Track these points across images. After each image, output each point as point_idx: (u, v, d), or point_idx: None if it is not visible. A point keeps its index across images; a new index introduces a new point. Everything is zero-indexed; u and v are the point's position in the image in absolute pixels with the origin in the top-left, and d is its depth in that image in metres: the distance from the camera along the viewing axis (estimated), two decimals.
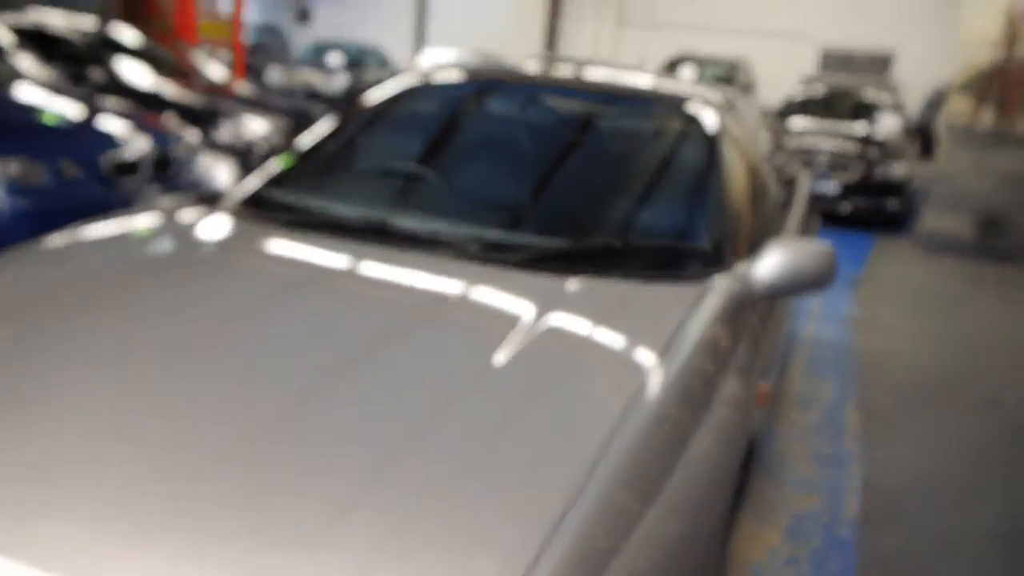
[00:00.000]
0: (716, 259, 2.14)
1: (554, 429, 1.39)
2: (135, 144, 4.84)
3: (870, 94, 10.43)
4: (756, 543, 2.67)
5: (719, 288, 1.99)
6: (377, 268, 1.99)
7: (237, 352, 1.60)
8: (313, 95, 14.26)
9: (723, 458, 1.60)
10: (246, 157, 6.58)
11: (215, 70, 8.64)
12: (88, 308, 1.76)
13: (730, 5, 18.46)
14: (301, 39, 22.44)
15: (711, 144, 2.48)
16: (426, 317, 1.77)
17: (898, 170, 8.46)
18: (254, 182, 2.54)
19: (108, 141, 4.76)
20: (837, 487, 3.10)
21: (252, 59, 15.33)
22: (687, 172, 2.49)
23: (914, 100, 12.63)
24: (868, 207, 8.43)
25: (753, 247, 2.31)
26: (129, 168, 4.73)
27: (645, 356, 1.63)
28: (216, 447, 1.29)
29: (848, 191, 8.41)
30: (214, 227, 2.23)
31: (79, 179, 4.48)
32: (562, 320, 1.74)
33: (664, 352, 1.65)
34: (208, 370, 1.52)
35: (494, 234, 2.16)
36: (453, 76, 3.07)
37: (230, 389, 1.46)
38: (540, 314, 1.74)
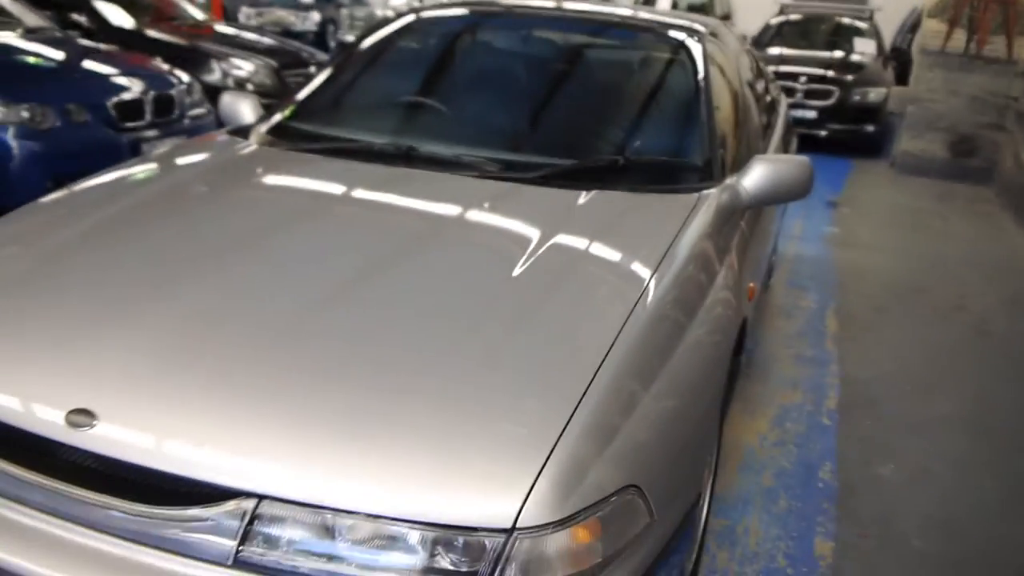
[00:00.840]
0: (707, 173, 2.38)
1: (571, 322, 1.64)
2: (137, 87, 4.97)
3: (846, 21, 10.58)
4: (747, 431, 2.98)
5: (710, 198, 2.24)
6: (406, 185, 2.23)
7: (301, 249, 1.86)
8: (287, 33, 14.11)
9: (715, 345, 1.86)
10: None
11: (195, 11, 8.62)
12: (168, 216, 2.04)
13: None
14: None
15: (698, 70, 2.69)
16: (453, 225, 2.02)
17: (873, 95, 8.68)
18: (276, 116, 2.75)
19: (113, 85, 4.89)
20: (818, 383, 3.41)
21: None
22: (678, 96, 2.70)
23: (892, 25, 12.73)
24: (845, 132, 8.66)
25: (739, 163, 2.55)
26: (133, 110, 4.88)
27: (647, 260, 1.86)
28: (290, 324, 1.54)
29: (825, 116, 8.62)
30: (245, 156, 2.46)
31: (88, 122, 4.62)
32: (575, 228, 1.98)
33: (663, 254, 1.88)
34: (277, 259, 1.79)
35: (509, 155, 2.38)
36: (447, 11, 3.25)
37: (288, 286, 1.70)
38: (555, 223, 1.98)
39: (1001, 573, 2.38)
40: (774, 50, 9.92)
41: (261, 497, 1.26)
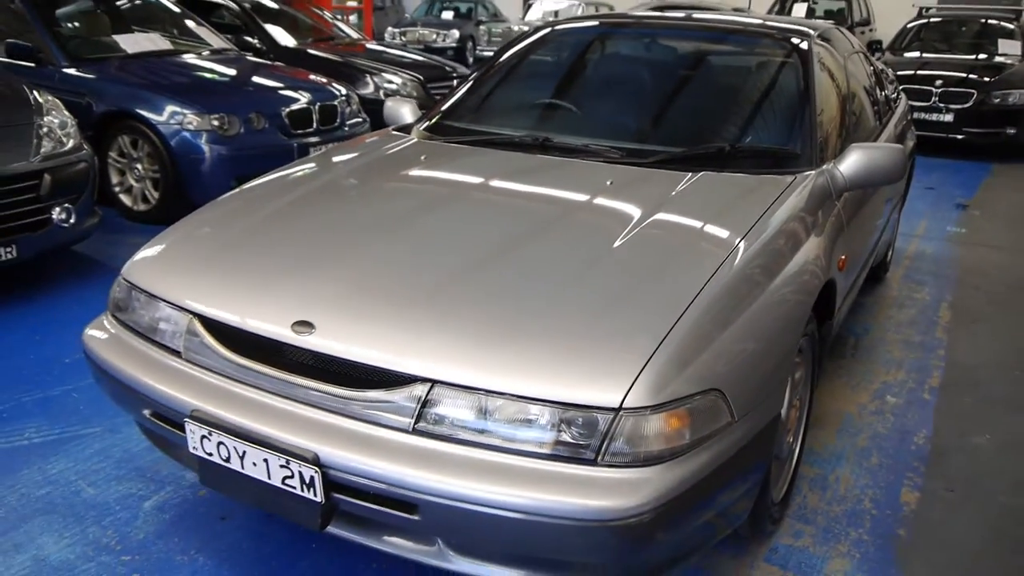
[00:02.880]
0: (806, 159, 2.69)
1: (672, 270, 2.00)
2: (305, 99, 5.67)
3: (991, 22, 10.29)
4: (847, 402, 3.23)
5: (807, 180, 2.55)
6: (542, 169, 2.67)
7: (460, 218, 2.34)
8: (428, 49, 14.95)
9: (795, 302, 2.16)
10: None
11: (350, 31, 9.44)
12: (356, 190, 2.62)
13: None
14: None
15: (802, 68, 2.99)
16: (579, 199, 2.43)
17: (1015, 97, 8.47)
18: (433, 116, 3.25)
19: (286, 97, 5.61)
20: (923, 365, 3.60)
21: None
22: (782, 91, 3.01)
23: None
24: (983, 135, 8.50)
25: (840, 152, 2.83)
26: (303, 119, 5.58)
27: (738, 226, 2.19)
28: (455, 266, 2.00)
29: (961, 119, 8.49)
30: (411, 146, 2.97)
31: (265, 129, 5.34)
32: (679, 200, 2.36)
33: (755, 222, 2.21)
34: (433, 230, 2.25)
35: (630, 144, 2.78)
36: (578, 23, 3.68)
37: (453, 240, 2.17)
38: (663, 197, 2.36)
39: None
40: (911, 54, 9.82)
41: (434, 382, 1.70)
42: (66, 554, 2.22)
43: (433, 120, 3.22)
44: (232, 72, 6.02)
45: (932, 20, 10.68)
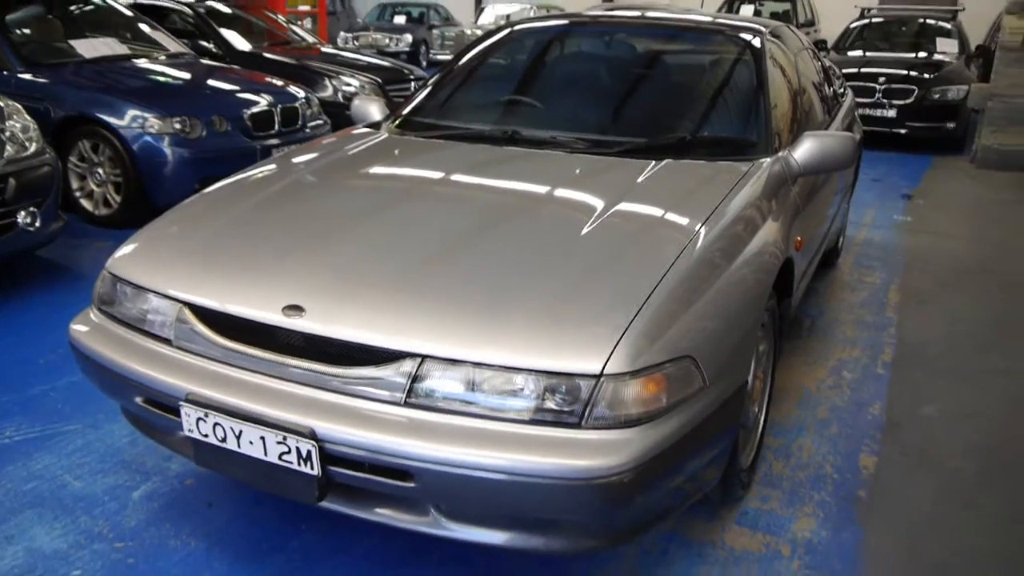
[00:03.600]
0: (763, 147, 2.83)
1: (641, 249, 2.13)
2: (267, 101, 5.70)
3: (929, 22, 10.68)
4: (806, 377, 3.39)
5: (764, 166, 2.69)
6: (511, 160, 2.77)
7: (433, 208, 2.42)
8: (382, 53, 14.98)
9: (756, 280, 2.28)
10: (346, 109, 7.42)
11: (305, 35, 9.45)
12: (334, 183, 2.69)
13: None
14: (364, 4, 23.23)
15: (755, 63, 3.14)
16: (549, 186, 2.54)
17: (953, 93, 8.81)
18: (402, 113, 3.34)
19: (247, 100, 5.63)
20: (876, 342, 3.78)
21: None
22: (738, 85, 3.16)
23: (976, 25, 12.66)
24: (924, 129, 8.83)
25: (793, 140, 2.98)
26: (265, 122, 5.60)
27: (701, 212, 2.31)
28: (436, 250, 2.09)
29: (904, 115, 8.81)
30: (383, 140, 3.06)
31: (228, 131, 5.35)
32: (645, 186, 2.49)
33: (716, 205, 2.35)
34: (411, 216, 2.34)
35: (595, 135, 2.90)
36: (538, 23, 3.80)
37: (432, 226, 2.26)
38: (630, 183, 2.49)
39: (1018, 487, 2.74)
40: (855, 52, 10.14)
41: (424, 357, 1.79)
42: (59, 543, 2.26)
43: (403, 117, 3.31)
44: (190, 76, 6.02)
45: (874, 20, 11.04)
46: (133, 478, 2.57)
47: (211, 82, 5.99)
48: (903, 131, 8.86)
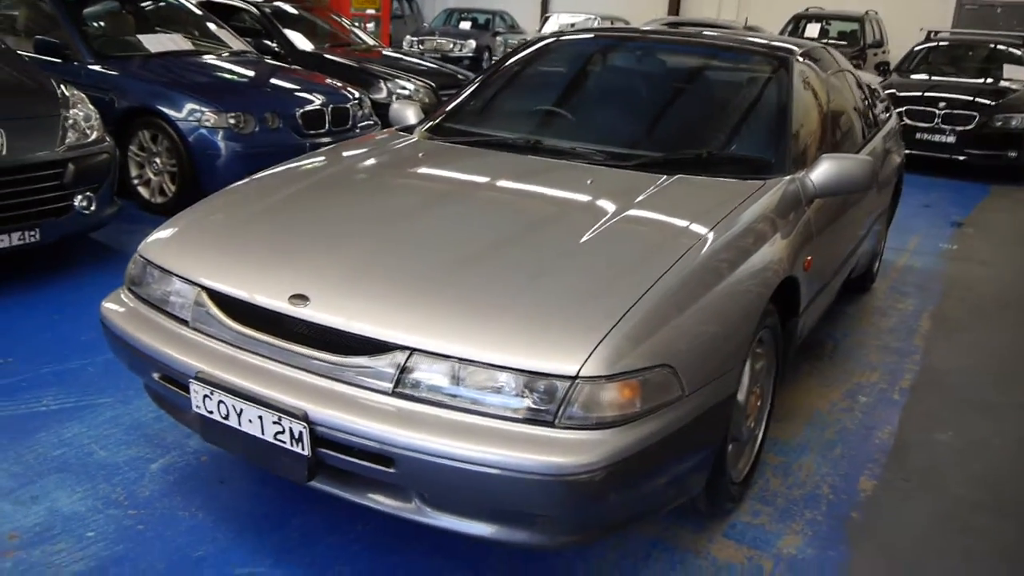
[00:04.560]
0: (779, 167, 2.86)
1: (637, 256, 2.20)
2: (319, 100, 5.90)
3: (999, 47, 10.43)
4: (820, 398, 3.39)
5: (778, 185, 2.73)
6: (531, 170, 2.86)
7: (443, 214, 2.52)
8: (445, 58, 15.21)
9: (751, 295, 2.32)
10: None
11: (366, 38, 9.69)
12: (362, 181, 2.86)
13: None
14: (432, 7, 23.59)
15: (782, 83, 3.17)
16: (563, 198, 2.62)
17: (1016, 121, 8.59)
18: (435, 118, 3.45)
19: (300, 98, 5.83)
20: (897, 368, 3.75)
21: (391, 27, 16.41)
22: (763, 104, 3.19)
23: None
24: (984, 156, 8.63)
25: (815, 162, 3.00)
26: (316, 120, 5.80)
27: (706, 222, 2.37)
28: (438, 253, 2.19)
29: (964, 141, 8.63)
30: (412, 144, 3.18)
31: (280, 128, 5.56)
32: (655, 198, 2.55)
33: (721, 220, 2.39)
34: (422, 218, 2.45)
35: (614, 148, 2.96)
36: (578, 35, 3.88)
37: (440, 231, 2.37)
38: (636, 196, 2.55)
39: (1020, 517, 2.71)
40: (918, 76, 9.97)
41: (413, 350, 1.89)
42: (77, 507, 2.42)
43: (435, 122, 3.42)
44: (249, 73, 6.26)
45: (940, 44, 10.83)
46: (153, 451, 2.72)
47: (268, 80, 6.22)
48: (962, 158, 8.68)
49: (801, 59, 3.41)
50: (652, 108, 3.35)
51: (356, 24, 10.32)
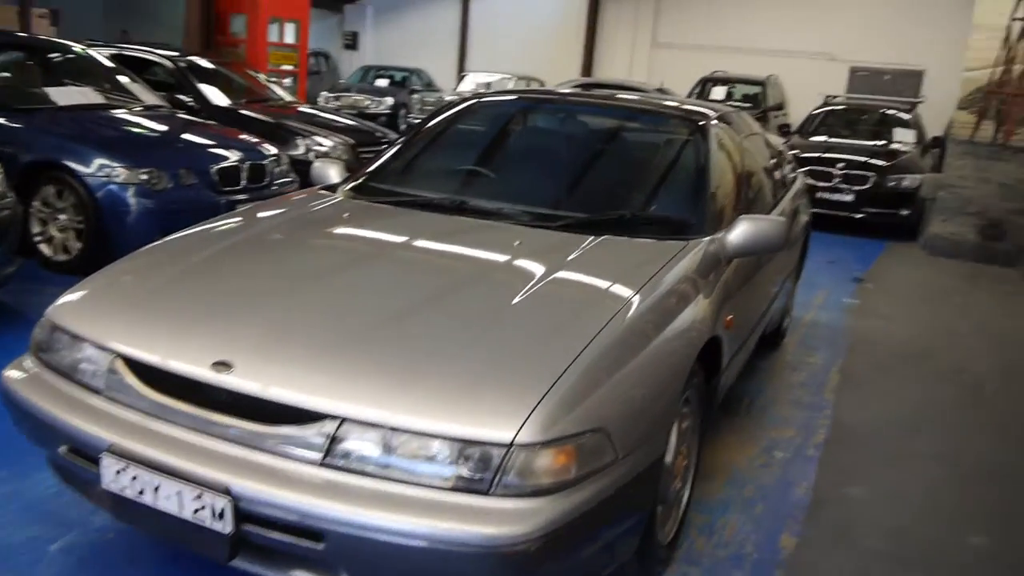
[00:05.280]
0: (699, 228, 2.95)
1: (566, 321, 2.21)
2: (235, 157, 5.80)
3: (889, 112, 11.12)
4: (737, 454, 3.45)
5: (699, 246, 2.81)
6: (458, 231, 2.86)
7: (370, 275, 2.49)
8: (362, 115, 15.22)
9: (678, 356, 2.38)
10: None
11: (283, 93, 9.62)
12: (281, 243, 2.77)
13: (760, 27, 19.12)
14: (349, 64, 23.71)
15: (700, 146, 3.29)
16: (491, 260, 2.63)
17: (908, 181, 9.14)
18: (357, 177, 3.44)
19: (215, 154, 5.73)
20: (810, 423, 3.87)
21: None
22: (682, 167, 3.31)
23: (942, 116, 13.14)
24: (879, 215, 9.12)
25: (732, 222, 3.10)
26: (232, 177, 5.69)
27: (632, 283, 2.41)
28: (367, 316, 2.16)
29: (861, 200, 9.11)
30: (335, 203, 3.14)
31: (195, 185, 5.43)
32: (582, 259, 2.58)
33: (646, 281, 2.44)
34: (348, 280, 2.42)
35: (539, 209, 3.00)
36: (499, 97, 3.95)
37: (367, 293, 2.34)
38: (566, 256, 2.58)
39: (933, 569, 2.80)
40: (817, 137, 10.51)
41: (343, 419, 1.84)
42: None
43: (358, 181, 3.40)
44: (163, 128, 6.12)
45: (836, 108, 11.47)
46: (53, 530, 2.55)
47: (182, 135, 6.09)
48: (859, 215, 9.14)
49: (716, 123, 3.55)
50: (576, 170, 3.43)
51: (272, 79, 10.24)
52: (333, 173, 3.47)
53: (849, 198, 9.17)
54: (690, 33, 20.01)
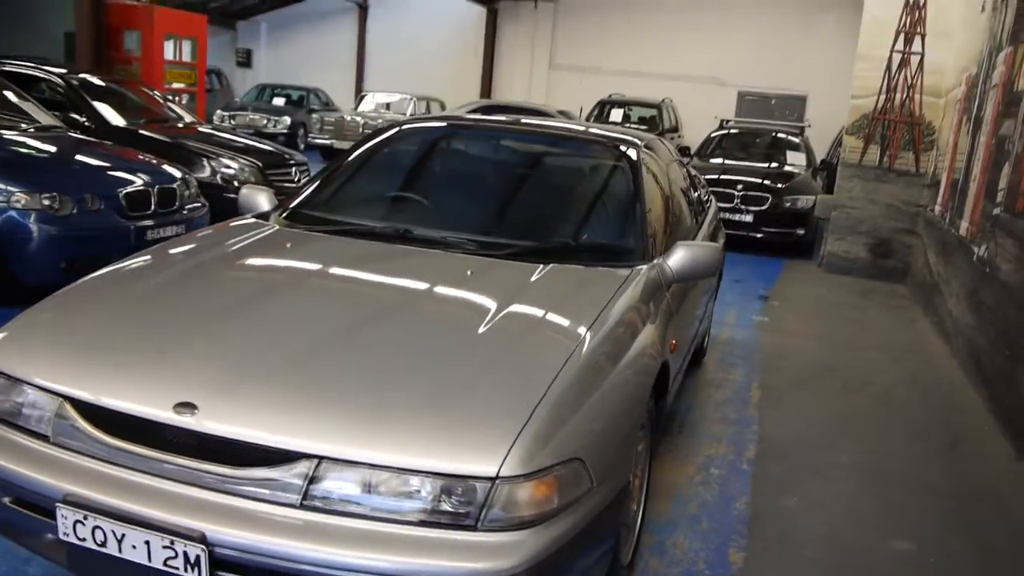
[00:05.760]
0: (640, 254, 3.03)
1: (529, 356, 2.22)
2: (143, 180, 5.56)
3: (780, 135, 11.70)
4: (675, 473, 3.54)
5: (641, 273, 2.88)
6: (409, 259, 2.84)
7: (327, 306, 2.44)
8: (259, 134, 14.87)
9: (637, 383, 2.44)
10: (224, 192, 7.31)
11: (183, 113, 9.29)
12: (221, 274, 2.69)
13: (653, 52, 19.80)
14: (243, 82, 23.15)
15: (635, 173, 3.38)
16: (440, 287, 2.62)
17: (802, 202, 9.63)
18: (290, 204, 3.36)
19: (122, 178, 5.48)
20: (740, 439, 4.01)
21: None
22: (618, 194, 3.39)
23: (825, 139, 13.92)
24: (778, 234, 9.56)
25: (667, 248, 3.20)
26: (141, 201, 5.45)
27: (585, 317, 2.43)
28: (332, 349, 2.12)
29: (759, 220, 9.53)
30: (273, 233, 3.07)
31: (101, 210, 5.18)
32: (533, 291, 2.61)
33: (598, 314, 2.47)
34: (308, 313, 2.37)
35: (482, 237, 3.01)
36: (433, 122, 3.96)
37: (327, 324, 2.29)
38: (519, 287, 2.60)
39: (866, 571, 2.95)
40: (715, 160, 10.94)
41: (321, 459, 1.80)
42: None
43: (292, 209, 3.32)
44: (63, 150, 5.82)
45: (731, 131, 11.98)
46: None
47: (84, 158, 5.81)
48: (759, 235, 9.55)
49: (645, 150, 3.66)
50: (513, 197, 3.46)
51: (169, 98, 9.89)
52: (263, 200, 3.38)
53: (748, 218, 9.57)
54: (586, 56, 20.51)
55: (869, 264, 8.75)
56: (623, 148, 3.60)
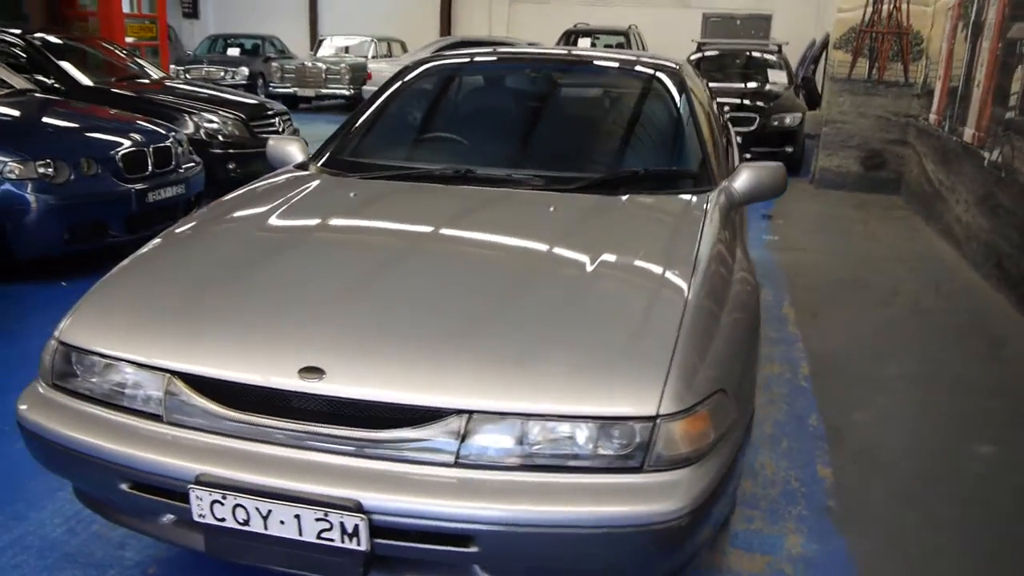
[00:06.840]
0: (705, 179, 2.93)
1: (649, 297, 2.09)
2: (138, 141, 5.30)
3: (757, 55, 11.57)
4: None
5: (713, 198, 2.79)
6: (483, 201, 2.70)
7: (433, 259, 2.32)
8: (218, 87, 14.35)
9: (751, 303, 2.37)
10: (209, 147, 7.04)
11: (151, 69, 8.87)
12: (305, 234, 2.54)
13: None
14: (191, 34, 22.28)
15: (688, 99, 3.27)
16: (543, 231, 2.46)
17: (790, 119, 9.57)
18: (331, 152, 3.19)
19: (114, 140, 5.21)
20: (790, 357, 4.00)
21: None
22: (673, 118, 3.27)
23: (792, 58, 13.80)
24: (767, 154, 9.50)
25: (722, 171, 3.11)
26: (137, 163, 5.20)
27: (686, 248, 2.31)
28: (454, 301, 2.01)
29: (749, 141, 9.44)
30: (328, 182, 2.91)
31: (99, 175, 4.93)
32: (624, 224, 2.51)
33: (698, 242, 2.36)
34: (412, 266, 2.24)
35: (548, 172, 2.88)
36: (470, 57, 3.78)
37: (440, 277, 2.18)
38: (608, 224, 2.50)
39: (958, 475, 2.98)
40: None
41: (471, 413, 1.71)
42: None
43: (331, 156, 3.15)
44: (47, 114, 5.51)
45: (708, 54, 11.81)
46: (86, 573, 2.28)
47: (74, 121, 5.52)
48: (748, 156, 9.48)
49: (687, 72, 3.53)
50: (570, 130, 3.31)
51: (135, 53, 9.42)
52: (295, 150, 3.20)
53: (737, 140, 9.47)
54: None
55: (861, 177, 8.77)
56: (668, 70, 3.47)
